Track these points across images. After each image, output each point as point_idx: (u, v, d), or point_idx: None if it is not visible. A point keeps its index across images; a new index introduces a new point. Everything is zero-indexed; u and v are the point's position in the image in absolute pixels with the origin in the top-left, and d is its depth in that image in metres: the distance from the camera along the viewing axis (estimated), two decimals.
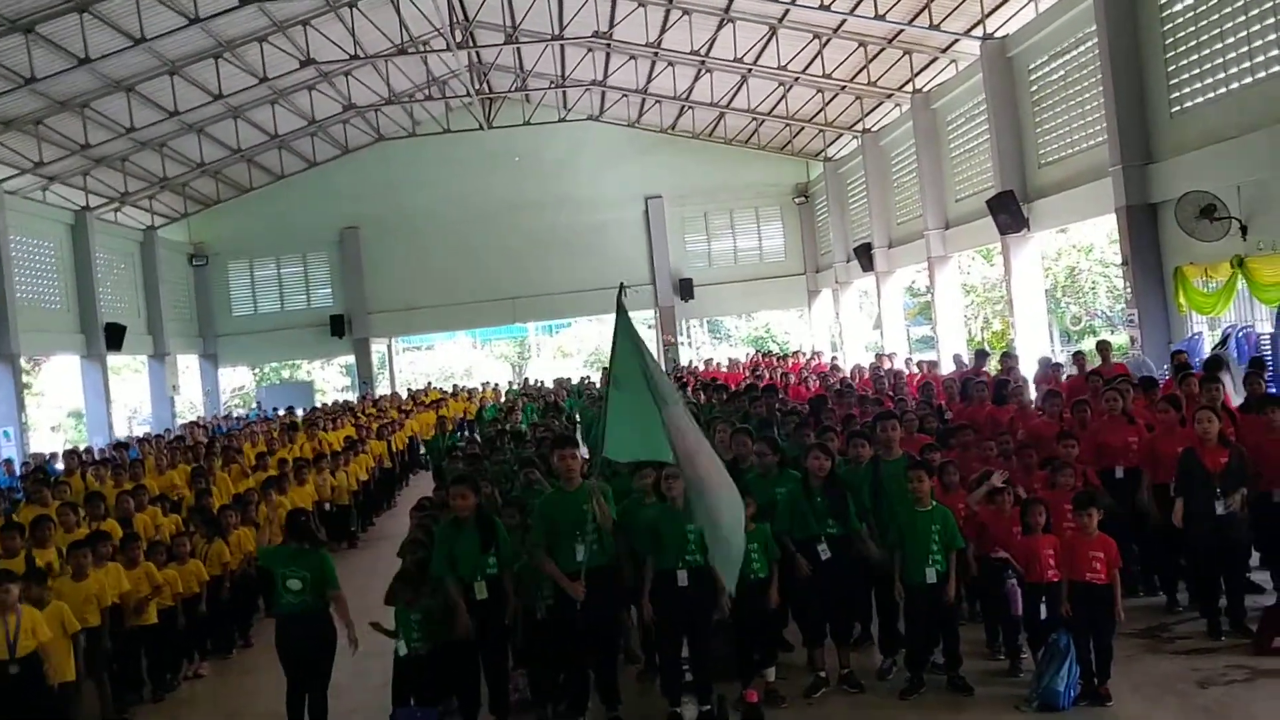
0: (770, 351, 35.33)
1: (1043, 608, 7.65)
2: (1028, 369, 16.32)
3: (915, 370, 19.26)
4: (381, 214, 35.78)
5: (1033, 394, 12.85)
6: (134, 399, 41.56)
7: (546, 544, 7.65)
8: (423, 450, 25.06)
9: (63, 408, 41.41)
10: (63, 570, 9.03)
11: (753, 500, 7.90)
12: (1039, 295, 22.62)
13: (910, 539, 7.78)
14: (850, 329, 34.21)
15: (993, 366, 17.24)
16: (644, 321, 45.01)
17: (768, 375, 21.61)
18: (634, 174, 36.21)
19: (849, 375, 19.42)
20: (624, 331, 7.42)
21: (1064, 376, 14.53)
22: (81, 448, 20.88)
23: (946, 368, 20.92)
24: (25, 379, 26.88)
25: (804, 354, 27.58)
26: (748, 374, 23.78)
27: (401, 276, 36.10)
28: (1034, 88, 20.68)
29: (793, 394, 17.30)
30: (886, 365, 19.99)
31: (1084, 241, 32.18)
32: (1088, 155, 18.81)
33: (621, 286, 7.59)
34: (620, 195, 36.27)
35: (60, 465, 17.57)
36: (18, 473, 18.09)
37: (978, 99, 22.77)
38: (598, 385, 26.33)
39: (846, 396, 13.79)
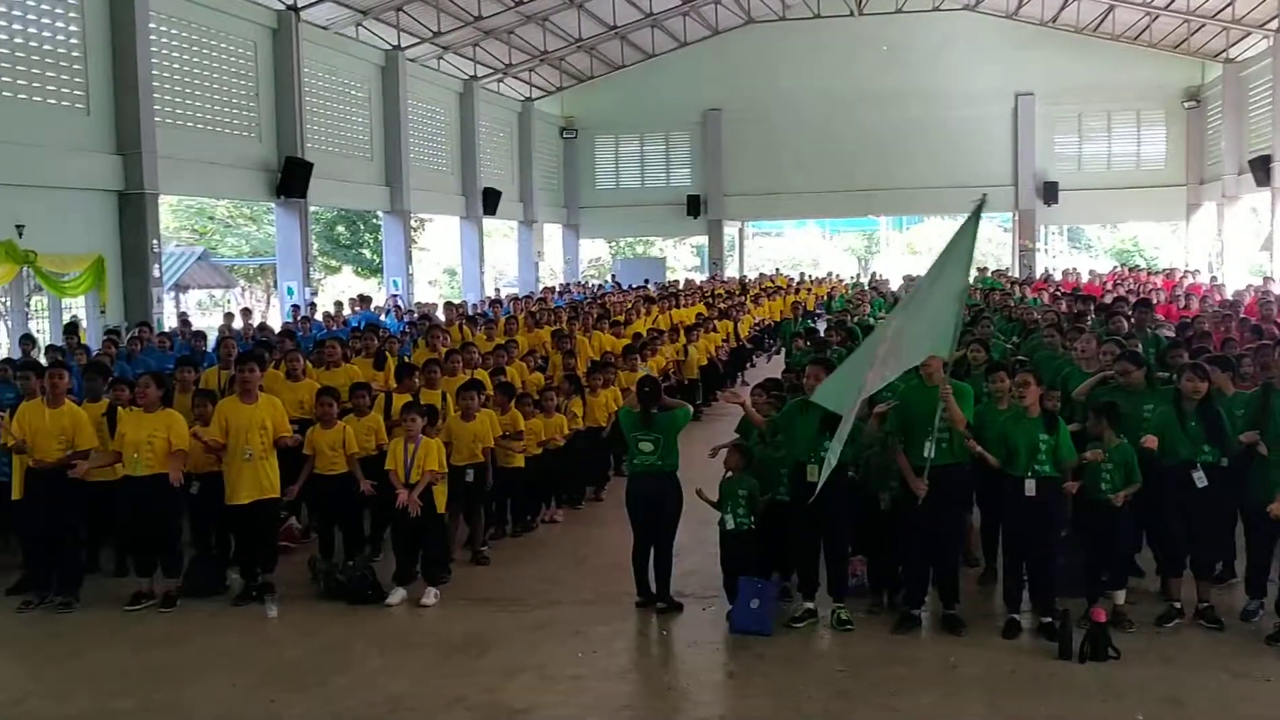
0: (1137, 266, 33.13)
1: None
2: None
3: None
4: (744, 97, 35.96)
5: None
6: (500, 262, 44.39)
7: (901, 435, 7.67)
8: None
9: (440, 264, 44.82)
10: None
11: (1107, 416, 7.64)
12: None
13: None
14: (1232, 248, 31.43)
15: None
16: (1001, 224, 43.34)
17: (1138, 290, 20.28)
18: (1006, 69, 34.57)
19: (1232, 298, 17.93)
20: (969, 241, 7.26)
21: None
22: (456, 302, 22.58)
23: None
24: (411, 235, 29.31)
25: (1178, 271, 25.63)
26: (1110, 286, 22.42)
27: (758, 161, 36.33)
28: None
29: (1161, 312, 16.21)
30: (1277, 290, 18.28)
31: None
32: None
33: (984, 198, 7.36)
34: (988, 90, 34.76)
35: (441, 315, 19.08)
36: (404, 320, 19.83)
37: None
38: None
39: (1228, 320, 12.82)
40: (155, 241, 18.76)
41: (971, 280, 26.22)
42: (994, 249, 48.97)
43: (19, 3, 16.56)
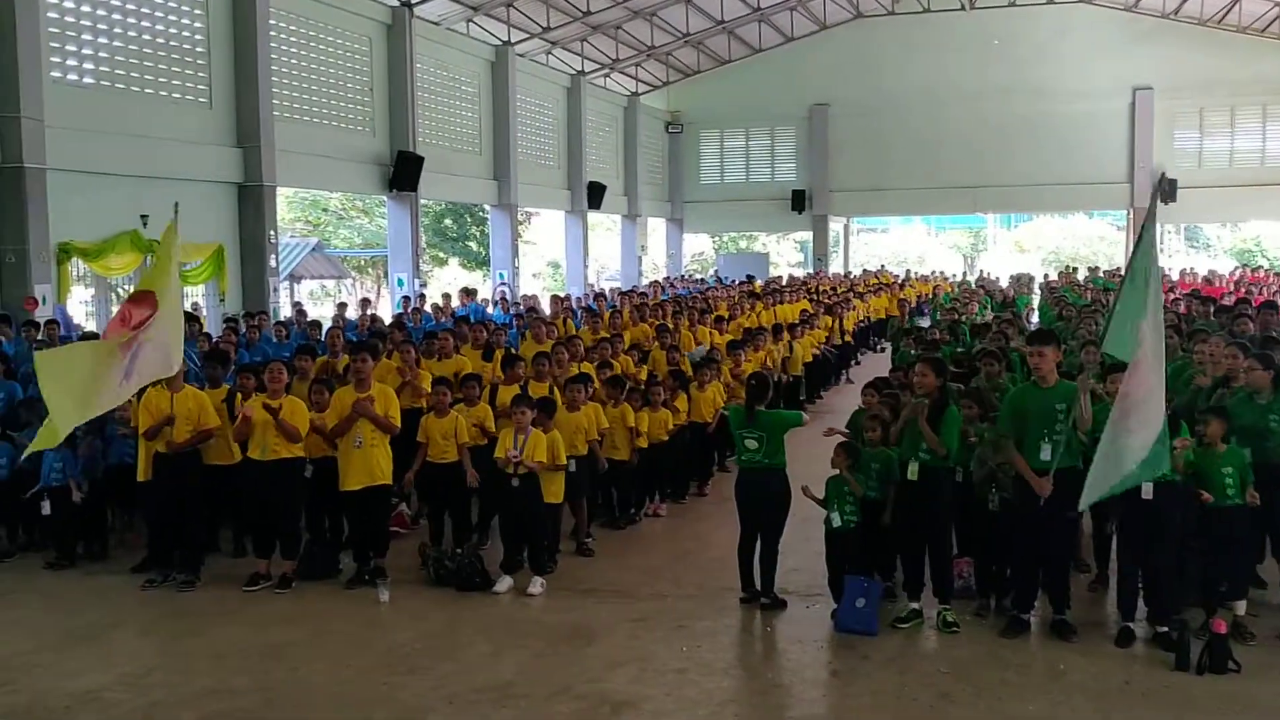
0: (1260, 266, 32.09)
1: None
2: None
3: None
4: (851, 93, 35.72)
5: None
6: (603, 255, 44.62)
7: (1015, 437, 7.53)
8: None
9: (544, 257, 45.25)
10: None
11: (1222, 420, 7.49)
12: None
13: None
14: None
15: None
16: (1114, 222, 42.30)
17: (1263, 292, 19.68)
18: (1123, 63, 33.74)
19: None
20: (1150, 227, 7.01)
21: None
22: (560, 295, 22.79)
23: None
24: (518, 228, 29.65)
25: None
26: (1231, 287, 21.77)
27: (865, 156, 36.04)
28: None
29: None
30: None
31: None
32: None
33: (1162, 177, 7.19)
34: (1104, 86, 33.98)
35: (546, 308, 19.28)
36: (510, 313, 20.07)
37: None
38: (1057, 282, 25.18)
39: None
40: (272, 232, 19.30)
41: (1083, 279, 25.77)
42: (1106, 248, 47.80)
43: (147, 0, 17.14)
